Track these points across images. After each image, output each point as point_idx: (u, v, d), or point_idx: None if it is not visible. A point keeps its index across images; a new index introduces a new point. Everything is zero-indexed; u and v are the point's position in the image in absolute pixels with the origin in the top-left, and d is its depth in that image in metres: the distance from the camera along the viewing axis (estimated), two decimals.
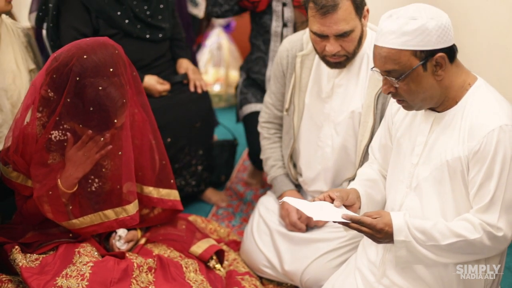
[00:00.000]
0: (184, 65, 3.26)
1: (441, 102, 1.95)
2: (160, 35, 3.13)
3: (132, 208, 2.31)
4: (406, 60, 1.85)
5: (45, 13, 3.01)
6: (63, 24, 2.96)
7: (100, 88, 2.09)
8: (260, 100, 3.31)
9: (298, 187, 2.83)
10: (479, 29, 2.80)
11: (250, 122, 3.31)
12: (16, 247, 2.20)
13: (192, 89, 3.20)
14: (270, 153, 2.85)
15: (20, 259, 2.16)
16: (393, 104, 2.14)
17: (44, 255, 2.22)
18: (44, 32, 3.06)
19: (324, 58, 2.44)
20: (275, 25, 3.28)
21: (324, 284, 2.34)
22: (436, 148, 1.96)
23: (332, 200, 2.03)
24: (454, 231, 1.89)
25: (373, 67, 1.94)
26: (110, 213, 2.30)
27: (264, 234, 2.75)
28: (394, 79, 1.89)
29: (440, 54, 1.85)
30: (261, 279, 2.76)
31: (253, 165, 3.54)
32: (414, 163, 2.02)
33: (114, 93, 2.11)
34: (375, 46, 1.91)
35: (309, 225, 2.67)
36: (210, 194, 3.43)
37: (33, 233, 2.30)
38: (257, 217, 2.83)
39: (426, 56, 1.85)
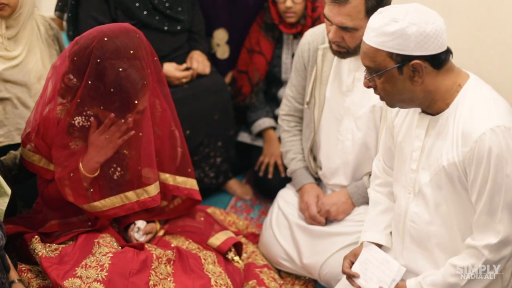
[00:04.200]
0: (191, 55, 3.22)
1: (428, 105, 1.90)
2: (179, 27, 3.11)
3: (153, 189, 2.30)
4: (382, 60, 1.83)
5: (64, 3, 3.02)
6: (82, 13, 2.96)
7: (121, 69, 2.09)
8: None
9: (318, 180, 2.81)
10: None
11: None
12: (36, 236, 2.21)
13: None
14: (290, 146, 2.83)
15: (40, 248, 2.17)
16: (392, 108, 2.10)
17: (64, 245, 2.23)
18: (64, 24, 3.07)
19: (329, 42, 2.43)
20: (285, 77, 3.32)
21: (343, 278, 2.33)
22: (434, 153, 1.92)
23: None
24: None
25: None
26: (131, 195, 2.29)
27: (283, 227, 2.74)
28: (369, 76, 1.88)
29: (417, 61, 1.80)
30: (279, 272, 2.76)
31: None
32: (413, 169, 1.98)
33: (135, 75, 2.11)
34: (362, 41, 1.89)
35: (329, 218, 2.66)
36: (235, 186, 3.41)
37: (53, 223, 2.31)
38: (276, 210, 2.82)
39: (403, 60, 1.81)
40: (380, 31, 1.81)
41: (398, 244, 2.09)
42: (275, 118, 3.36)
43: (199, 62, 3.17)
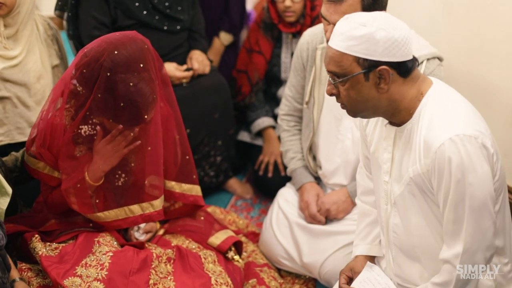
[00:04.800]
0: (191, 55, 3.22)
1: (392, 114, 1.86)
2: (178, 27, 3.11)
3: (159, 203, 2.32)
4: (348, 65, 1.78)
5: (64, 2, 3.02)
6: (82, 13, 2.96)
7: (131, 84, 2.08)
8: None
9: (318, 180, 2.81)
10: None
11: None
12: (36, 235, 2.21)
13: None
14: (290, 145, 2.84)
15: (40, 247, 2.17)
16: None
17: (64, 244, 2.23)
18: (64, 23, 3.07)
19: (327, 41, 2.42)
20: (284, 76, 3.33)
21: None
22: (404, 164, 1.88)
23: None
24: (443, 282, 1.84)
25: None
26: (135, 208, 2.30)
27: (283, 226, 2.74)
28: (334, 81, 1.83)
29: (384, 67, 1.76)
30: (279, 271, 2.76)
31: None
32: (386, 181, 1.95)
33: (145, 89, 2.11)
34: (327, 46, 1.84)
35: (329, 217, 2.66)
36: (236, 185, 3.42)
37: (53, 222, 2.31)
38: (276, 209, 2.82)
39: (370, 66, 1.77)
40: (348, 35, 1.77)
41: (387, 254, 2.07)
42: (275, 117, 3.36)
43: (199, 62, 3.17)
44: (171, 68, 3.07)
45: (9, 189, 2.07)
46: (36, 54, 2.64)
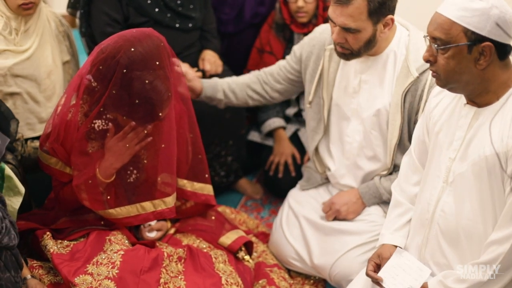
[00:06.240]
0: (203, 56, 3.22)
1: (479, 93, 1.91)
2: (190, 25, 3.11)
3: (171, 200, 2.32)
4: (456, 35, 1.83)
5: (76, 0, 3.03)
6: (94, 9, 2.96)
7: (147, 81, 2.09)
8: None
9: (326, 181, 2.80)
10: None
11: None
12: (48, 233, 2.22)
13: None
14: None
15: (51, 245, 2.17)
16: (432, 100, 2.12)
17: (75, 242, 2.23)
18: (77, 21, 3.07)
19: (334, 43, 2.43)
20: None
21: (354, 279, 2.32)
22: (475, 143, 1.93)
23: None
24: (488, 260, 1.87)
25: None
26: (148, 205, 2.30)
27: (294, 226, 2.73)
28: (436, 47, 1.87)
29: (488, 43, 1.82)
30: (289, 271, 2.75)
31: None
32: (451, 158, 1.98)
33: (161, 87, 2.11)
34: (436, 13, 1.88)
35: (338, 217, 2.65)
36: (246, 185, 3.41)
37: (65, 219, 2.32)
38: (286, 210, 2.81)
39: (476, 39, 1.82)
40: (463, 6, 1.82)
41: (422, 236, 2.08)
42: (285, 118, 3.36)
43: (211, 63, 3.17)
44: (183, 68, 3.07)
45: (22, 189, 2.08)
46: (47, 49, 2.65)
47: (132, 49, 2.08)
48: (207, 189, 2.53)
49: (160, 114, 2.15)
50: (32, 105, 2.60)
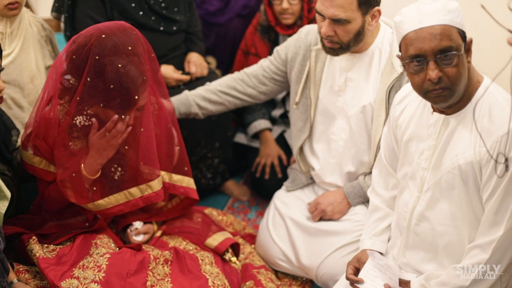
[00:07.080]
0: (188, 58, 3.23)
1: (461, 98, 1.85)
2: (175, 28, 3.12)
3: (156, 184, 2.30)
4: (457, 38, 1.78)
5: (61, 3, 3.02)
6: (79, 13, 2.97)
7: (120, 65, 2.09)
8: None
9: (311, 181, 2.81)
10: None
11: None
12: (34, 237, 2.21)
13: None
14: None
15: (37, 249, 2.17)
16: (396, 107, 2.10)
17: (61, 246, 2.22)
18: (62, 25, 3.07)
19: (322, 40, 2.43)
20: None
21: (340, 279, 2.33)
22: (447, 152, 1.90)
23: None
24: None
25: (417, 57, 1.79)
26: (135, 191, 2.28)
27: (280, 227, 2.74)
28: (448, 58, 1.76)
29: (470, 38, 1.78)
30: (276, 272, 2.76)
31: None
32: (424, 168, 1.96)
33: (134, 70, 2.11)
34: (421, 30, 1.77)
35: (324, 218, 2.66)
36: (232, 187, 3.42)
37: (51, 224, 2.31)
38: (272, 211, 2.82)
39: (463, 37, 1.79)
40: (447, 9, 1.77)
41: (400, 243, 2.09)
42: (271, 119, 3.37)
43: (197, 65, 3.17)
44: (169, 70, 3.08)
45: (8, 193, 2.07)
46: (30, 54, 2.64)
47: (103, 36, 2.10)
48: (186, 181, 2.51)
49: (137, 97, 2.14)
50: (16, 110, 2.60)
